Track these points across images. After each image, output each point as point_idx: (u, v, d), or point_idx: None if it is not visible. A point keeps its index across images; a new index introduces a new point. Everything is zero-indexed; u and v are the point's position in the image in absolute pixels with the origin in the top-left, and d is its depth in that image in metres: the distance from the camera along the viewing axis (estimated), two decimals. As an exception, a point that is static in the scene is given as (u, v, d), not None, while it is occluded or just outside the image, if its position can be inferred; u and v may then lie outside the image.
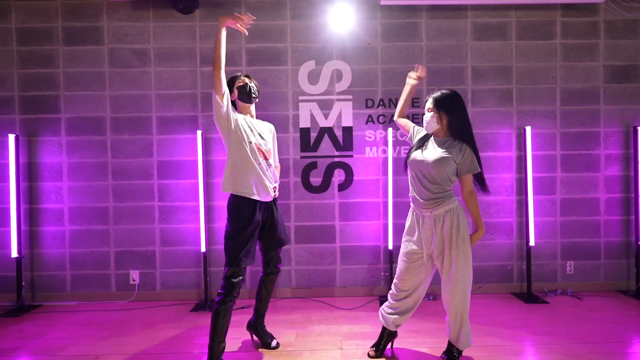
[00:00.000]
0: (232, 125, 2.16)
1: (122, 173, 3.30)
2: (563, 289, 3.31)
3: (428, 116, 2.10)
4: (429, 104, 2.11)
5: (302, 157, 3.34)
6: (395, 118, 2.41)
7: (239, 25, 2.11)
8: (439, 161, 2.02)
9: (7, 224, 3.19)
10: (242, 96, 2.26)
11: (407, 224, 2.20)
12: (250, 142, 2.18)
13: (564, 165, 3.37)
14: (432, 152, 2.07)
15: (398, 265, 2.21)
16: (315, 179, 3.35)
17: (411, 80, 2.32)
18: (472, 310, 2.93)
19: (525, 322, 2.76)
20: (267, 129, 2.37)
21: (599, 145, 3.37)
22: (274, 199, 2.34)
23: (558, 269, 3.38)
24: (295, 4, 3.31)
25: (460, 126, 2.07)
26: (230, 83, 2.26)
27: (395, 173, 3.23)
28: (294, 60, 3.33)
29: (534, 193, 3.29)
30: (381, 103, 3.35)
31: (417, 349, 2.37)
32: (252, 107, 2.34)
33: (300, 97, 3.33)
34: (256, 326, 2.44)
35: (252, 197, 2.16)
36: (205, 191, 3.21)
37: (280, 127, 3.30)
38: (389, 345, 2.33)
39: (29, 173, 3.27)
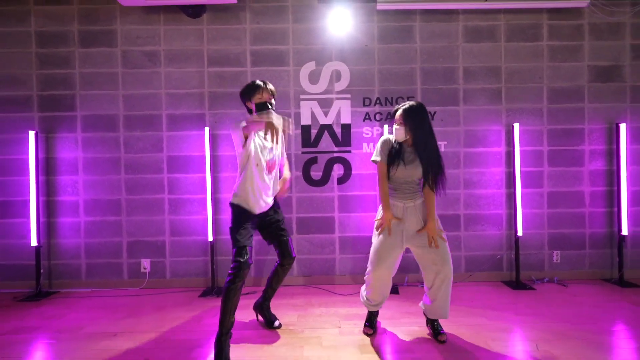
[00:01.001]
0: (247, 151, 2.27)
1: (134, 167, 3.50)
2: (550, 277, 3.51)
3: (399, 128, 2.30)
4: (398, 115, 2.31)
5: (303, 153, 3.54)
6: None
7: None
8: (414, 166, 2.31)
9: (27, 215, 3.40)
10: (260, 111, 2.35)
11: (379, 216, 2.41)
12: (257, 165, 2.29)
13: (551, 160, 3.56)
14: (407, 158, 2.32)
15: (371, 257, 2.40)
16: (316, 173, 3.55)
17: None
18: (462, 295, 3.14)
19: (512, 305, 2.95)
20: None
21: (583, 141, 3.56)
22: (275, 201, 2.52)
23: (545, 258, 3.57)
24: (296, 9, 3.52)
25: (424, 137, 2.28)
26: (249, 92, 2.37)
27: (391, 167, 3.42)
28: (296, 61, 3.53)
29: (522, 186, 3.49)
30: (378, 101, 3.54)
31: (410, 327, 2.57)
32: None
33: (302, 96, 3.53)
34: (262, 307, 2.65)
35: (249, 209, 2.35)
36: (212, 184, 3.41)
37: (283, 124, 3.51)
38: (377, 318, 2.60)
39: (47, 167, 3.48)
